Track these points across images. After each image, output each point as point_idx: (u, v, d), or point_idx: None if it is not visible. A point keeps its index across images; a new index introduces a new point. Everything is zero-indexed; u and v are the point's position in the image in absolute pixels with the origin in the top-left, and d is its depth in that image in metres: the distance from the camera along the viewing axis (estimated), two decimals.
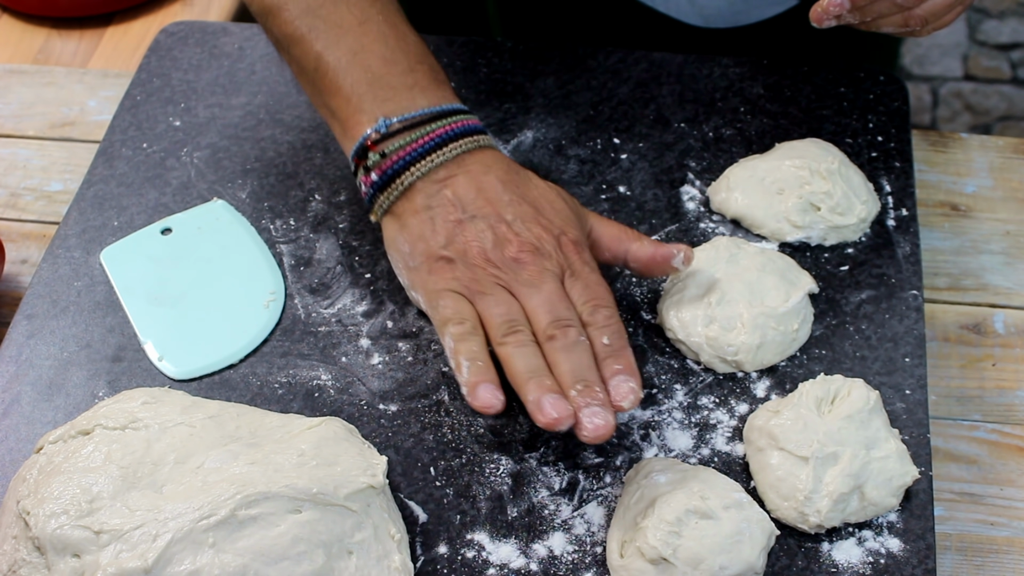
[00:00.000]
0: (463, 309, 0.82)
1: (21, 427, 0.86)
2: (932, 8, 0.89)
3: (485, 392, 0.79)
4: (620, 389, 0.79)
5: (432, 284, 0.84)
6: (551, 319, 0.81)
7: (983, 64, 2.42)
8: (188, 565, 0.71)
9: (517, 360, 0.80)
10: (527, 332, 0.81)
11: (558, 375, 0.79)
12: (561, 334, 0.80)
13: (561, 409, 0.77)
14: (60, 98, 1.17)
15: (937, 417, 0.92)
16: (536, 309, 0.81)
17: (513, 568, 0.78)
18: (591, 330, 0.81)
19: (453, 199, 0.84)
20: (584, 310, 0.82)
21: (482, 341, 0.81)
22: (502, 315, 0.81)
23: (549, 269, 0.82)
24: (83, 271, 0.95)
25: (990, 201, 1.07)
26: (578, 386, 0.78)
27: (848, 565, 0.78)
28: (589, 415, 0.77)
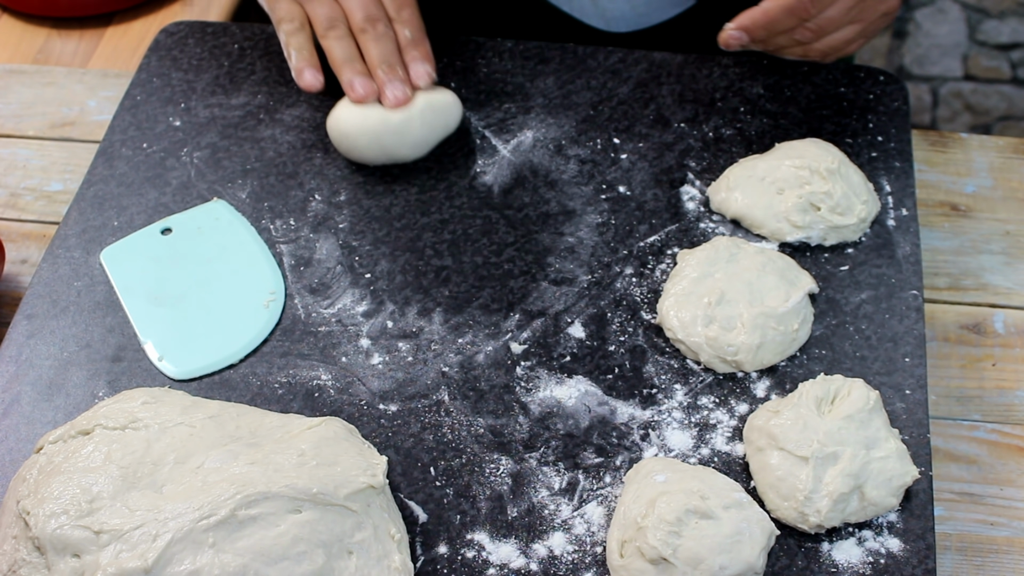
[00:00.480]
0: (294, 11, 1.02)
1: (21, 427, 0.86)
2: (830, 44, 0.98)
3: (308, 75, 1.00)
4: (417, 71, 1.00)
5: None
6: (363, 15, 1.00)
7: (983, 64, 2.42)
8: (188, 565, 0.71)
9: (336, 50, 1.00)
10: (344, 27, 1.01)
11: (368, 61, 0.99)
12: (371, 27, 1.00)
13: (368, 87, 0.98)
14: (60, 98, 1.17)
15: (937, 417, 0.92)
16: (352, 8, 1.00)
17: (513, 568, 0.78)
18: (396, 25, 1.01)
19: None
20: (390, 7, 1.01)
21: (308, 36, 1.02)
22: (324, 14, 1.01)
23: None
24: (83, 271, 0.95)
25: (990, 201, 1.07)
26: (383, 67, 0.98)
27: (848, 565, 0.78)
28: (391, 88, 0.98)
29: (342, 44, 1.00)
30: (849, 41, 0.98)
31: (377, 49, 0.99)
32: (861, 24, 0.97)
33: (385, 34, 1.00)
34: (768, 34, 0.97)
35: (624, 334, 0.91)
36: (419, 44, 1.01)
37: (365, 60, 1.00)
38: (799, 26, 0.96)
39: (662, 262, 0.95)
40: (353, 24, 1.01)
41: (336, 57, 1.00)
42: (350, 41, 1.00)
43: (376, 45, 0.99)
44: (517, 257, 0.96)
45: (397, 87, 0.98)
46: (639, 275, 0.94)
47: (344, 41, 1.00)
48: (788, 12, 0.95)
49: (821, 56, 1.00)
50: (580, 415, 0.86)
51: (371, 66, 0.99)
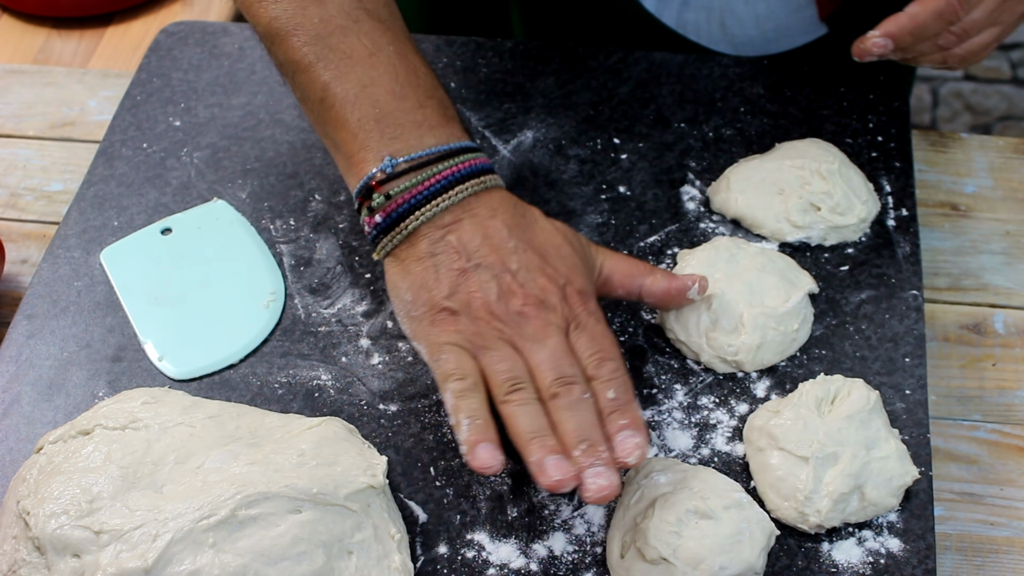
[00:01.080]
0: (465, 364, 0.79)
1: (21, 427, 0.86)
2: (970, 48, 0.93)
3: (484, 452, 0.76)
4: (625, 445, 0.77)
5: (435, 336, 0.81)
6: (555, 376, 0.78)
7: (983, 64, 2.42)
8: (188, 565, 0.71)
9: (520, 419, 0.77)
10: (530, 389, 0.79)
11: (561, 434, 0.77)
12: (565, 392, 0.78)
13: (564, 470, 0.75)
14: (60, 98, 1.17)
15: (937, 417, 0.92)
16: (540, 365, 0.79)
17: (513, 568, 0.78)
18: (596, 384, 0.79)
19: (458, 246, 0.81)
20: (589, 364, 0.80)
21: (483, 398, 0.79)
22: (505, 371, 0.79)
23: (554, 323, 0.80)
24: (83, 271, 0.95)
25: (990, 201, 1.07)
26: (582, 446, 0.76)
27: (848, 565, 0.78)
28: (592, 476, 0.75)
29: (528, 412, 0.78)
30: (988, 45, 0.94)
31: (573, 421, 0.77)
32: (1001, 27, 0.93)
33: (582, 400, 0.78)
34: (914, 40, 0.91)
35: (624, 334, 0.91)
36: (626, 409, 0.79)
37: (557, 432, 0.78)
38: (944, 30, 0.91)
39: (662, 262, 0.95)
40: (541, 385, 0.79)
41: (520, 429, 0.77)
42: (538, 407, 0.78)
43: (572, 416, 0.77)
44: None
45: (601, 473, 0.75)
46: None
47: (530, 407, 0.78)
48: (937, 16, 0.89)
49: (959, 62, 0.94)
50: None
51: (565, 443, 0.77)
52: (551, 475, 0.75)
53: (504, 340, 0.80)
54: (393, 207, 0.82)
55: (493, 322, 0.80)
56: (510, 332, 0.80)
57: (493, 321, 0.80)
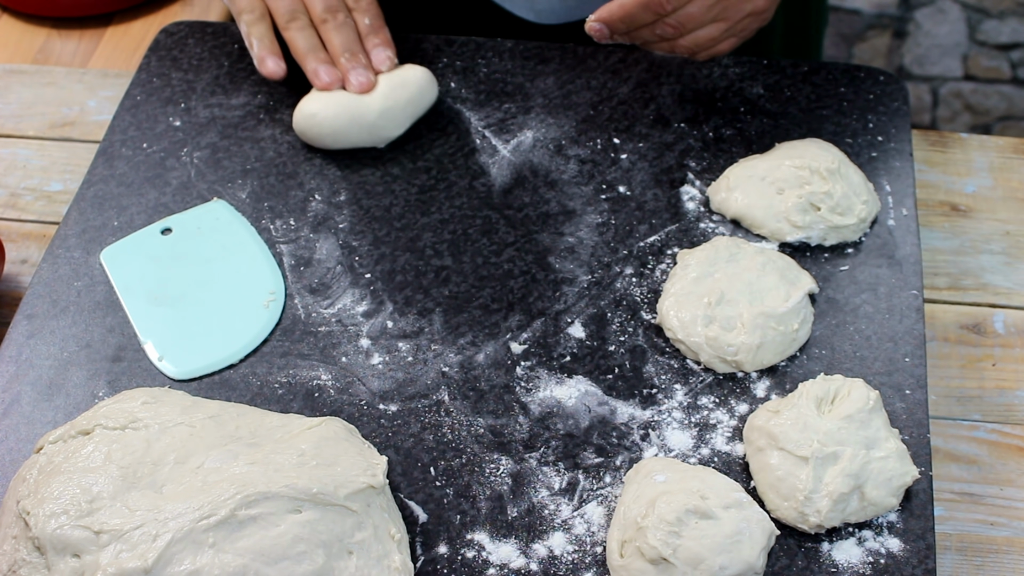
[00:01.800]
0: (255, 2, 1.04)
1: (21, 427, 0.86)
2: (695, 40, 0.97)
3: (270, 62, 1.03)
4: (378, 56, 1.03)
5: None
6: (323, 6, 1.03)
7: (983, 64, 2.42)
8: (188, 565, 0.71)
9: (298, 40, 1.03)
10: (305, 18, 1.03)
11: (331, 50, 1.03)
12: (332, 17, 1.03)
13: (332, 74, 1.01)
14: (60, 98, 1.17)
15: (937, 417, 0.92)
16: (312, 0, 1.03)
17: (513, 568, 0.78)
18: (355, 14, 1.04)
19: None
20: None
21: (269, 25, 1.04)
22: (285, 6, 1.03)
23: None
24: (83, 271, 0.95)
25: (990, 201, 1.07)
26: (346, 55, 1.02)
27: (848, 565, 0.78)
28: (355, 75, 1.01)
29: (304, 35, 1.03)
30: (715, 39, 0.98)
31: (339, 38, 1.03)
32: (727, 23, 0.97)
33: (346, 23, 1.03)
34: (627, 27, 0.96)
35: (624, 334, 0.91)
36: (379, 31, 1.04)
37: (327, 49, 1.03)
38: (659, 21, 0.95)
39: (662, 262, 0.95)
40: (314, 15, 1.03)
41: (299, 48, 1.03)
42: (311, 31, 1.03)
43: (337, 34, 1.03)
44: (517, 257, 0.96)
45: (361, 73, 1.01)
46: (639, 275, 0.94)
47: (306, 31, 1.03)
48: (643, 7, 0.94)
49: (690, 53, 0.99)
50: (580, 415, 0.86)
51: (334, 55, 1.03)
52: (323, 78, 1.01)
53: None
54: None
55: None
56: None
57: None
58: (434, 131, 1.05)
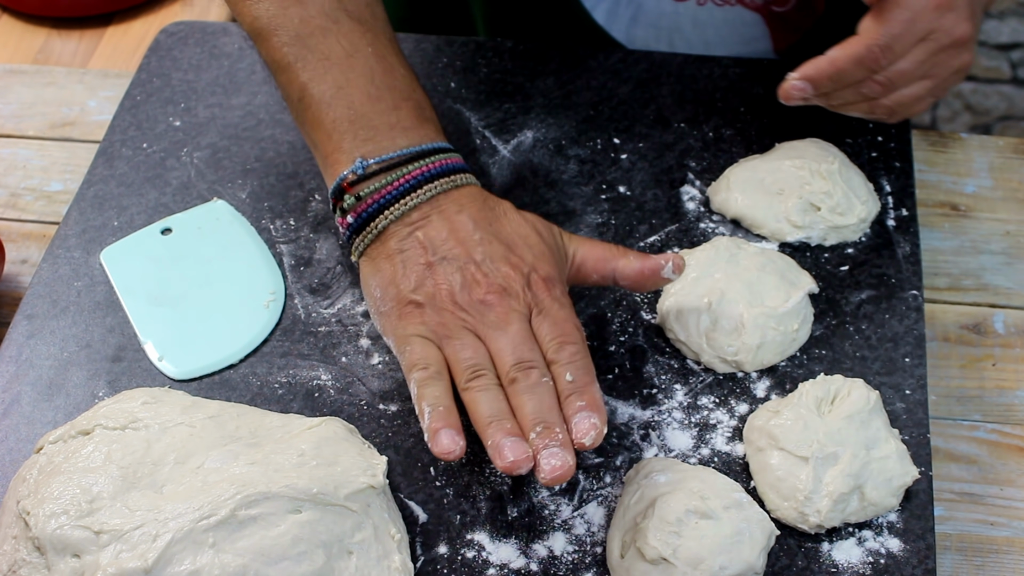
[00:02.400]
0: (429, 354, 0.81)
1: (21, 427, 0.86)
2: (899, 99, 0.90)
3: (445, 438, 0.77)
4: (581, 426, 0.77)
5: (401, 329, 0.82)
6: (514, 361, 0.80)
7: (983, 64, 2.42)
8: (188, 565, 0.71)
9: (480, 404, 0.79)
10: (491, 376, 0.80)
11: (520, 417, 0.78)
12: (523, 376, 0.79)
13: (519, 452, 0.76)
14: (60, 98, 1.17)
15: (937, 417, 0.92)
16: (501, 351, 0.80)
17: (513, 568, 0.78)
18: (556, 367, 0.80)
19: (424, 241, 0.83)
20: (550, 348, 0.81)
21: (446, 386, 0.80)
22: (467, 359, 0.80)
23: (516, 309, 0.81)
24: (83, 271, 0.95)
25: (990, 201, 1.07)
26: (538, 428, 0.77)
27: (848, 565, 0.78)
28: (547, 456, 0.75)
29: (487, 397, 0.79)
30: (919, 98, 0.90)
31: (531, 404, 0.78)
32: (933, 80, 0.90)
33: (540, 383, 0.79)
34: (834, 86, 0.89)
35: (624, 334, 0.91)
36: (584, 391, 0.79)
37: (516, 416, 0.79)
38: (868, 79, 0.88)
39: None
40: (501, 371, 0.81)
41: (480, 414, 0.79)
42: (498, 392, 0.80)
43: (530, 399, 0.79)
44: None
45: (555, 454, 0.76)
46: None
47: (490, 393, 0.80)
48: (857, 63, 0.86)
49: (888, 114, 0.91)
50: None
51: (523, 426, 0.78)
52: (506, 456, 0.76)
53: (467, 329, 0.81)
54: (363, 207, 0.84)
55: (457, 312, 0.81)
56: (473, 321, 0.81)
57: (457, 311, 0.81)
58: None
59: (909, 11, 0.86)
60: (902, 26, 0.86)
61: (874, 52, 0.86)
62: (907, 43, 0.87)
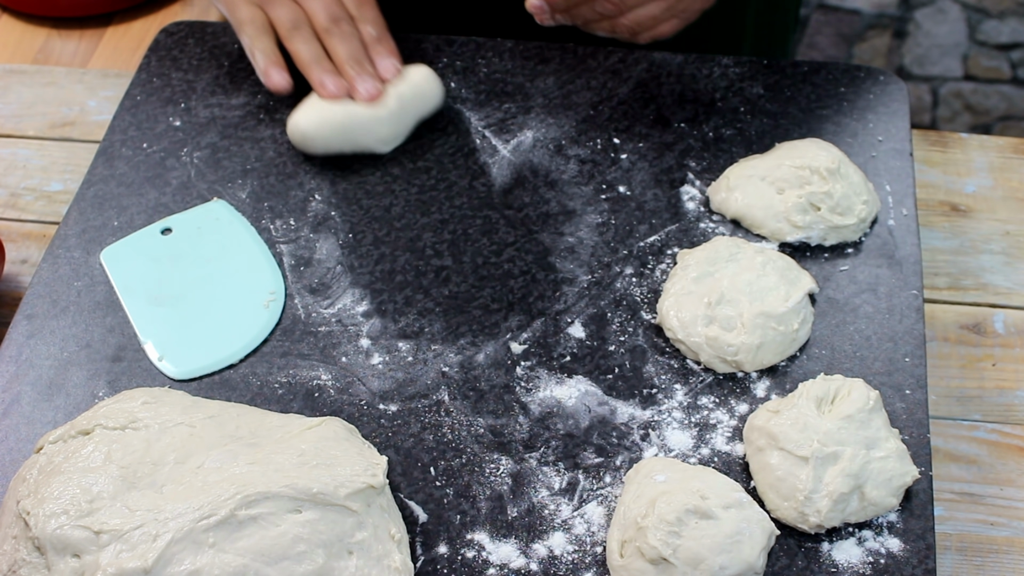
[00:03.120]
0: (255, 14, 1.03)
1: (21, 427, 0.86)
2: (637, 19, 0.97)
3: (275, 74, 1.01)
4: (384, 65, 1.02)
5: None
6: (326, 15, 1.01)
7: (983, 64, 2.42)
8: (188, 565, 0.71)
9: (302, 51, 1.01)
10: (308, 29, 1.02)
11: (336, 59, 1.01)
12: (335, 27, 1.02)
13: (339, 84, 1.00)
14: (60, 98, 1.17)
15: (937, 417, 0.92)
16: (314, 9, 1.02)
17: (513, 568, 0.78)
18: (359, 24, 1.03)
19: None
20: (352, 7, 1.03)
21: (272, 38, 1.03)
22: (287, 16, 1.02)
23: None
24: (83, 271, 0.95)
25: (990, 201, 1.07)
26: (352, 64, 1.00)
27: (848, 565, 0.78)
28: (362, 84, 0.99)
29: (308, 45, 1.01)
30: (657, 19, 0.97)
31: (344, 48, 1.01)
32: (667, 1, 0.96)
33: (350, 32, 1.02)
34: (567, 4, 0.96)
35: (624, 334, 0.91)
36: (383, 40, 1.03)
37: (332, 59, 1.01)
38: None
39: (662, 262, 0.95)
40: (317, 25, 1.02)
41: (303, 58, 1.01)
42: (315, 42, 1.02)
43: (342, 44, 1.01)
44: (517, 257, 0.96)
45: (368, 82, 1.00)
46: (639, 275, 0.94)
47: (310, 43, 1.02)
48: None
49: (631, 34, 0.98)
50: (580, 415, 0.86)
51: (339, 64, 1.01)
52: (329, 88, 1.00)
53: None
54: None
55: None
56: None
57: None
58: (434, 131, 1.05)
59: None
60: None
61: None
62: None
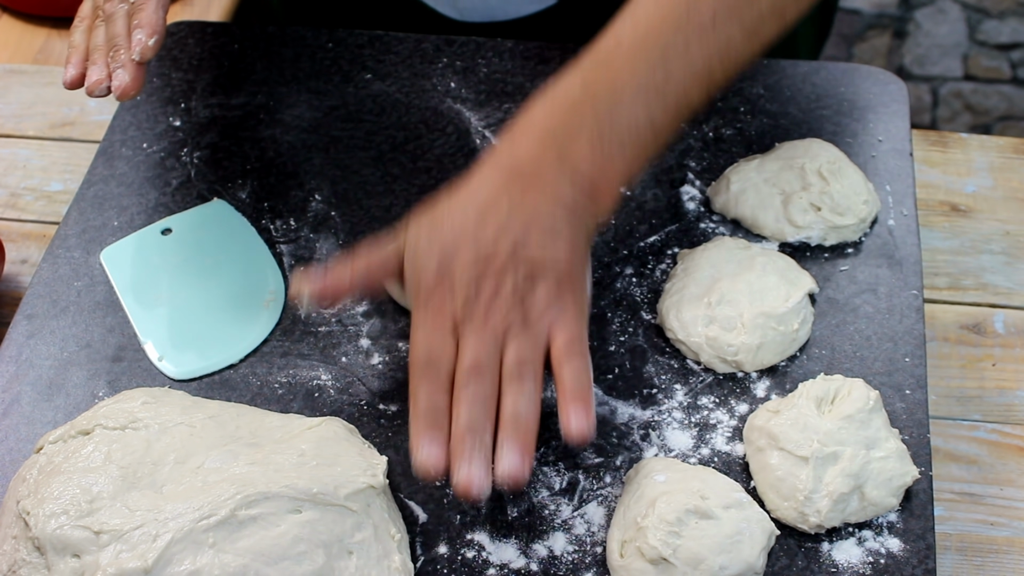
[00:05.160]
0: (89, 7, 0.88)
1: (21, 427, 0.86)
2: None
3: (68, 68, 0.86)
4: (136, 40, 0.83)
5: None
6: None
7: (983, 64, 2.42)
8: (188, 565, 0.71)
9: (92, 39, 0.86)
10: (97, 16, 0.87)
11: (95, 49, 0.85)
12: (109, 8, 0.86)
13: (97, 73, 0.83)
14: (60, 98, 1.17)
15: (937, 417, 0.92)
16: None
17: (513, 568, 0.78)
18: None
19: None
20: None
21: (84, 33, 0.87)
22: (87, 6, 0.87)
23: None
24: (83, 271, 0.95)
25: (990, 201, 1.07)
26: (104, 51, 0.84)
27: (848, 565, 0.78)
28: (117, 76, 0.83)
29: (96, 34, 0.88)
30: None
31: (102, 32, 0.87)
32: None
33: (119, 11, 0.87)
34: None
35: (624, 334, 0.91)
36: (141, 8, 0.87)
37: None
38: None
39: (662, 262, 0.95)
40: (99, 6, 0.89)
41: (90, 48, 0.87)
42: (98, 31, 0.88)
43: (105, 31, 0.87)
44: None
45: (120, 74, 0.84)
46: (639, 275, 0.94)
47: (98, 32, 0.88)
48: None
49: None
50: None
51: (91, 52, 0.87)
52: (70, 73, 0.84)
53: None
54: None
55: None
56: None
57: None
58: (434, 131, 1.05)
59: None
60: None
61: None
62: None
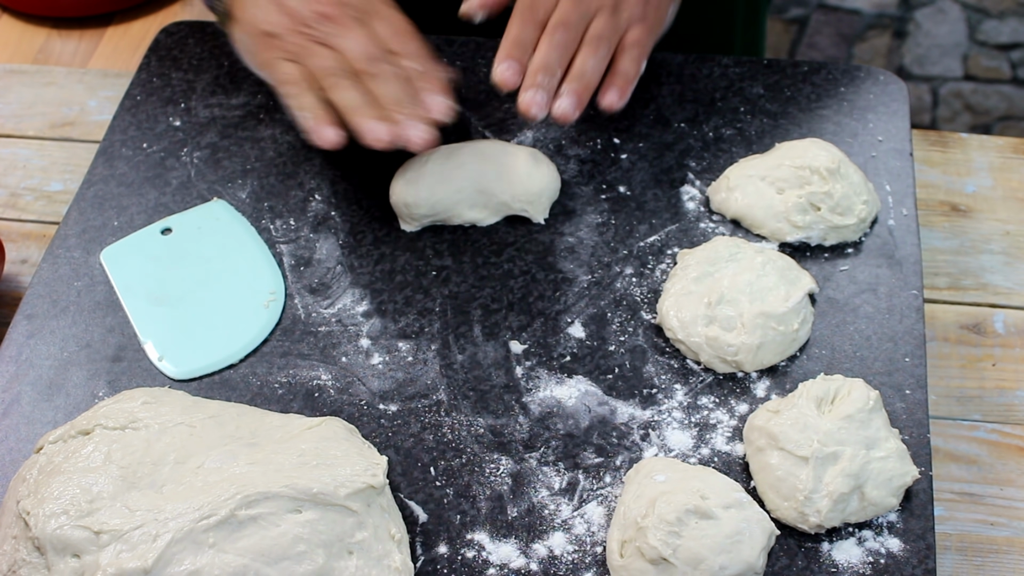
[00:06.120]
0: (292, 70, 0.93)
1: (21, 427, 0.86)
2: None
3: (325, 132, 0.90)
4: (432, 103, 0.90)
5: (263, 58, 0.95)
6: (363, 57, 0.91)
7: (983, 64, 2.42)
8: (188, 565, 0.71)
9: (343, 99, 0.90)
10: (347, 74, 0.91)
11: (381, 103, 0.90)
12: (374, 68, 0.91)
13: (385, 129, 0.89)
14: (60, 98, 1.17)
15: (937, 417, 0.92)
16: (350, 52, 0.91)
17: (513, 568, 0.78)
18: (401, 59, 0.92)
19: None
20: (393, 43, 0.92)
21: (313, 93, 0.92)
22: (324, 66, 0.92)
23: (352, 16, 0.92)
24: (83, 271, 0.95)
25: (990, 201, 1.07)
26: (398, 108, 0.89)
27: (848, 565, 0.78)
28: (412, 130, 0.88)
29: (349, 92, 0.90)
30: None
31: (386, 90, 0.90)
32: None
33: (391, 72, 0.91)
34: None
35: (624, 334, 0.91)
36: (430, 75, 0.92)
37: (378, 103, 0.90)
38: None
39: (662, 262, 0.95)
40: (355, 68, 0.91)
41: (345, 106, 0.90)
42: (357, 87, 0.91)
43: (384, 86, 0.90)
44: (517, 257, 0.96)
45: (418, 127, 0.88)
46: (639, 275, 0.94)
47: (351, 89, 0.90)
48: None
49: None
50: (580, 415, 0.86)
51: (384, 109, 0.90)
52: (374, 133, 0.88)
53: (317, 43, 0.92)
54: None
55: (304, 30, 0.92)
56: (320, 34, 0.92)
57: (304, 29, 0.92)
58: None
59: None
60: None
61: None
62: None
